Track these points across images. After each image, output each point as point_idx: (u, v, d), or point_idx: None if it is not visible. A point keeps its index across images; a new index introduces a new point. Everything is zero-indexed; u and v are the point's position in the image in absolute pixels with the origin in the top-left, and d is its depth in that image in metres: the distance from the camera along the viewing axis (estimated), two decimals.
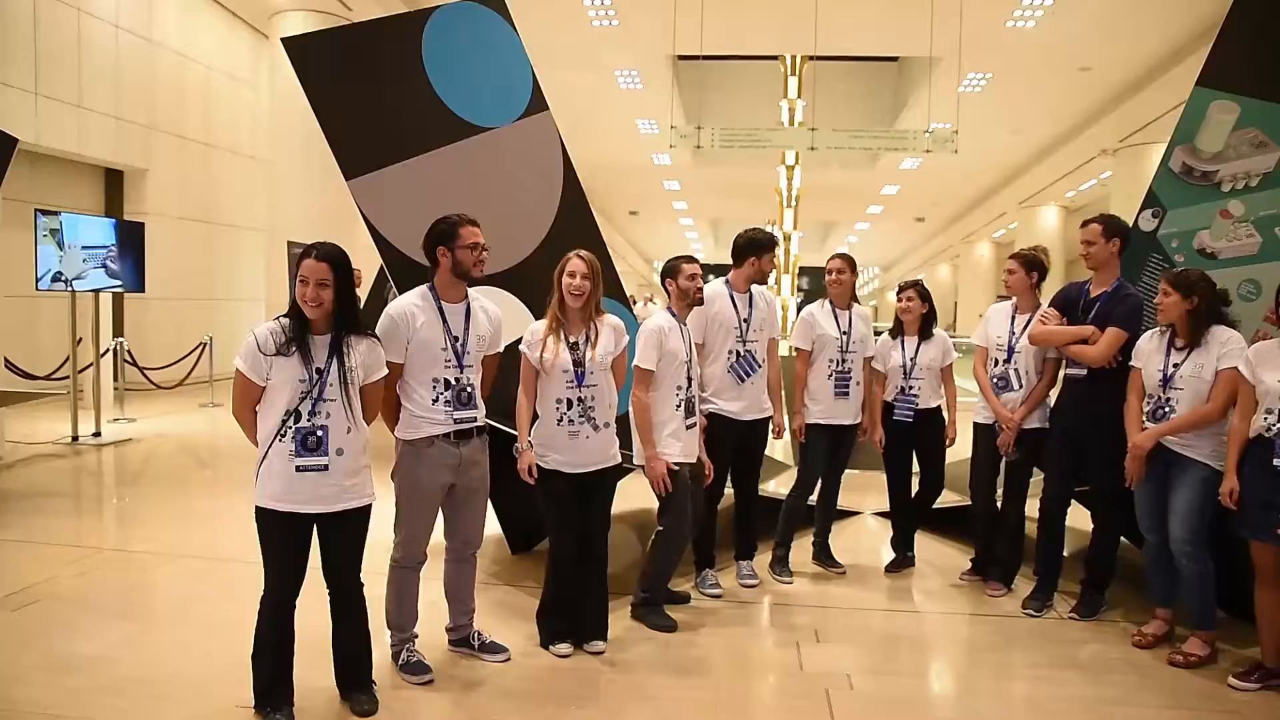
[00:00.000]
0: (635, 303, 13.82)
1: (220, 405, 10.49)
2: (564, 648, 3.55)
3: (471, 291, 3.38)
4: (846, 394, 4.59)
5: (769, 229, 4.65)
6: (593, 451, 3.49)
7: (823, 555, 4.81)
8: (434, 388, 3.22)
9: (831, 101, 16.64)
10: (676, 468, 3.78)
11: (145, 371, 10.57)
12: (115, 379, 9.83)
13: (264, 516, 2.86)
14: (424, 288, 3.31)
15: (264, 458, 2.85)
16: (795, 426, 4.66)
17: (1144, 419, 3.73)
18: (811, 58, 15.38)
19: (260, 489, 2.85)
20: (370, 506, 3.00)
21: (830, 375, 4.58)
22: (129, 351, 10.17)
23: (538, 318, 3.63)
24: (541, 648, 3.58)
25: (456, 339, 3.26)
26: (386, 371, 3.05)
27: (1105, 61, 13.37)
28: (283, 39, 4.07)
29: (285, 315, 2.88)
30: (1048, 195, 21.57)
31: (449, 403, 3.23)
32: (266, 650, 2.92)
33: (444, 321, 3.25)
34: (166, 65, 12.70)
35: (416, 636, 3.39)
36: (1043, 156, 19.27)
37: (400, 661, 3.32)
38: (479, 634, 3.54)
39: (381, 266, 4.21)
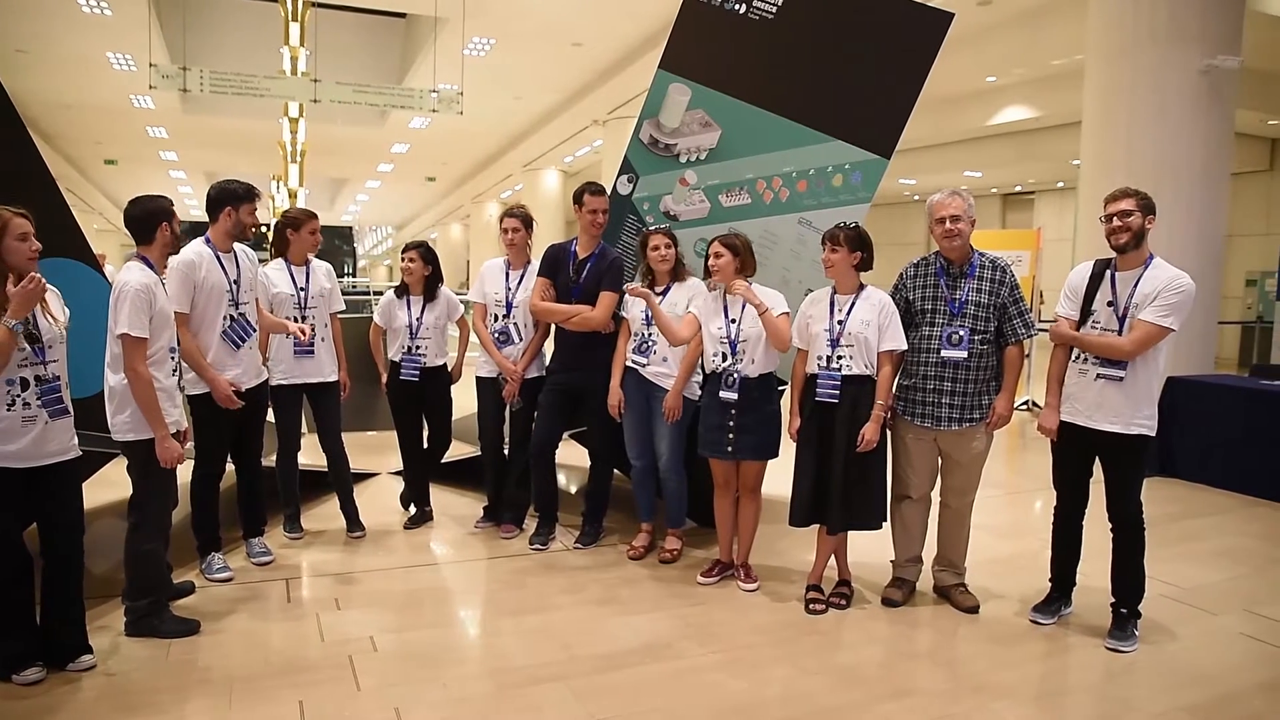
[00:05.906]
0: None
1: None
2: (33, 673, 3.00)
3: None
4: (311, 352, 4.47)
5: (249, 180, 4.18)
6: (51, 441, 2.98)
7: (349, 520, 4.71)
8: None
9: (337, 54, 15.93)
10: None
11: None
12: None
13: None
14: None
15: None
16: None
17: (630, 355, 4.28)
18: (314, 4, 14.57)
19: None
20: None
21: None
22: None
23: None
24: (3, 680, 3.00)
25: None
26: None
27: (595, 39, 14.55)
28: None
29: None
30: (549, 159, 22.92)
31: None
32: None
33: None
34: None
35: None
36: (543, 123, 20.42)
37: None
38: None
39: None
